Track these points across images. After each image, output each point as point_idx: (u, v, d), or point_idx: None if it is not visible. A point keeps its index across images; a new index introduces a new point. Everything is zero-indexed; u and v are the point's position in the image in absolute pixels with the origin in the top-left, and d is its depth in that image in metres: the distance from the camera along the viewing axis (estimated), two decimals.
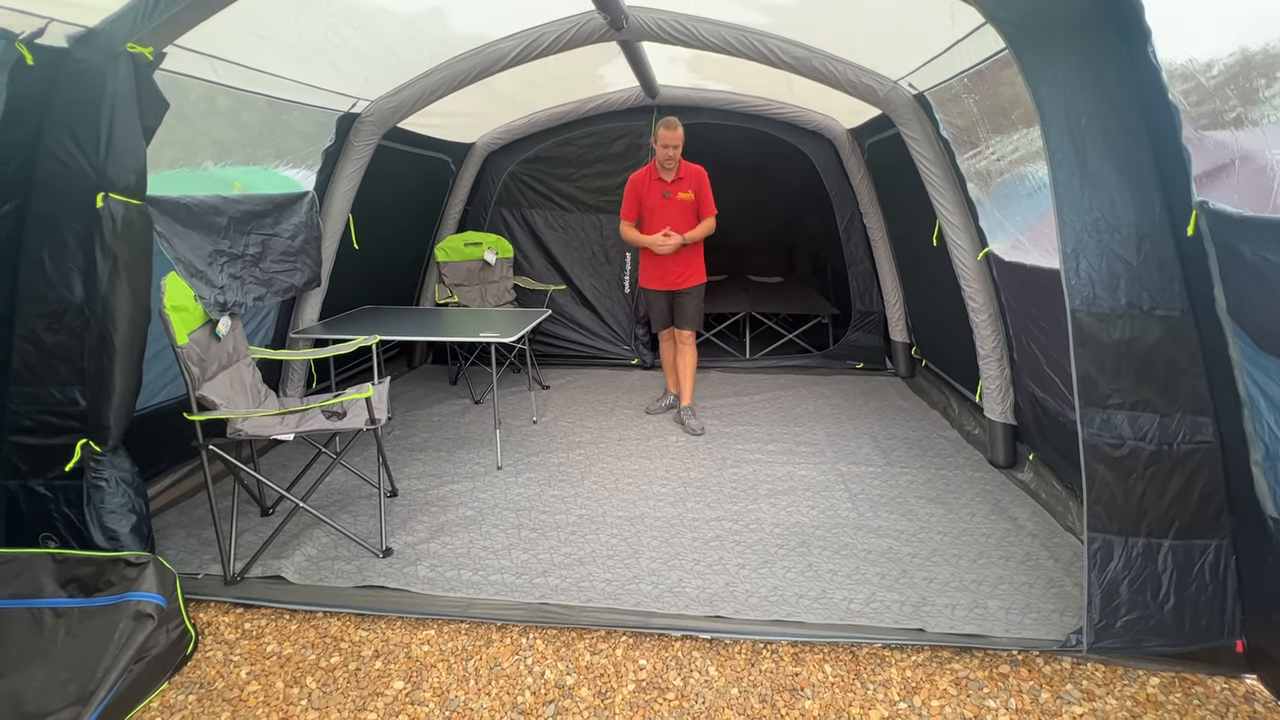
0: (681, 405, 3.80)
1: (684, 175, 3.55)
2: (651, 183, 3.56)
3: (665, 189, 3.54)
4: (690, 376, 3.78)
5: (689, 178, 3.56)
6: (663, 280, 3.68)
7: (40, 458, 2.17)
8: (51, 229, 2.09)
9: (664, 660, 1.95)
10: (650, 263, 3.69)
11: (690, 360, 3.78)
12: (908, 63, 2.93)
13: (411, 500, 2.86)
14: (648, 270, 3.72)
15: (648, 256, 3.68)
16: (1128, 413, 1.81)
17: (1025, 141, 2.41)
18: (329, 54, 2.81)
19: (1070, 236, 1.79)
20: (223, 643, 2.02)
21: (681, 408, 3.80)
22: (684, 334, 3.73)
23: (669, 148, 3.43)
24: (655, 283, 3.71)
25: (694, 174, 3.56)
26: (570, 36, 3.10)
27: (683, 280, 3.67)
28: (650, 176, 3.58)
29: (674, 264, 3.62)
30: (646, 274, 3.73)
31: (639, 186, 3.60)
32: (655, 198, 3.55)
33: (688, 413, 3.76)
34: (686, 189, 3.54)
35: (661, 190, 3.54)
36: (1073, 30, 1.74)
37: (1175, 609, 1.83)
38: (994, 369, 3.13)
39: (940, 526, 2.63)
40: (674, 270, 3.65)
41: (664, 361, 4.00)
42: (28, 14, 1.84)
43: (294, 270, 3.20)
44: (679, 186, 3.54)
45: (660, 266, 3.65)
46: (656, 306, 3.79)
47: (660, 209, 3.55)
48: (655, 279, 3.70)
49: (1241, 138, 1.52)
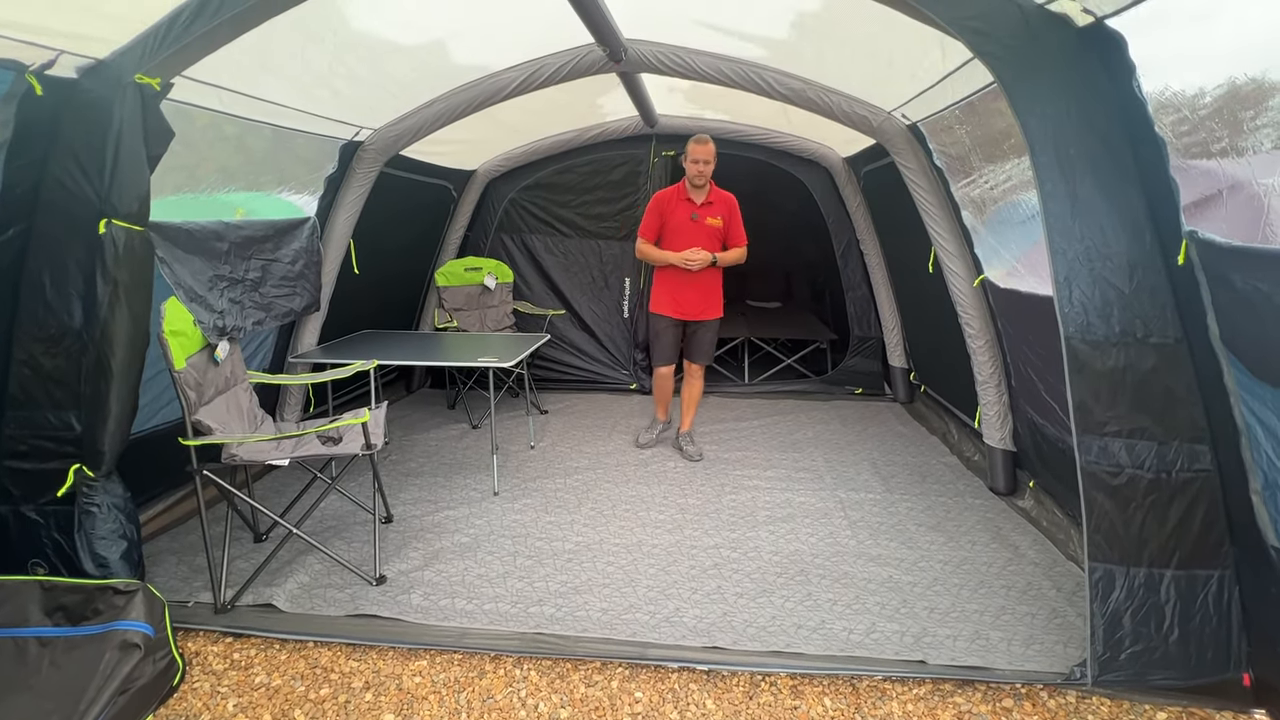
0: (681, 430, 3.69)
1: (715, 200, 3.33)
2: (679, 202, 3.32)
3: (694, 211, 3.31)
4: (695, 405, 3.68)
5: (720, 203, 3.34)
6: (680, 308, 3.41)
7: (33, 483, 2.15)
8: (54, 254, 2.11)
9: (660, 693, 1.91)
10: (667, 287, 3.41)
11: (698, 390, 3.67)
12: (901, 94, 2.99)
13: (406, 526, 2.83)
14: (663, 295, 3.44)
15: (666, 280, 3.41)
16: (1125, 440, 1.80)
17: (1018, 170, 2.45)
18: (333, 84, 2.86)
19: (1062, 265, 1.80)
20: (210, 673, 1.98)
21: (680, 433, 3.69)
22: (696, 367, 3.59)
23: (699, 163, 3.22)
24: (670, 309, 3.43)
25: (725, 200, 3.36)
26: (570, 68, 3.17)
27: (702, 311, 3.43)
28: (678, 196, 3.35)
29: (696, 292, 3.38)
30: (660, 299, 3.45)
31: (664, 204, 3.37)
32: (681, 219, 3.32)
33: (686, 439, 3.66)
34: (716, 214, 3.32)
35: (689, 212, 3.31)
36: (1059, 64, 1.78)
37: (1180, 641, 1.80)
38: (992, 395, 3.13)
39: (941, 555, 2.60)
40: (695, 300, 3.39)
41: (658, 392, 3.75)
42: (39, 46, 1.88)
43: (293, 295, 3.22)
44: (709, 211, 3.31)
45: (679, 293, 3.38)
46: (665, 338, 3.49)
47: (684, 231, 3.31)
48: (671, 305, 3.42)
49: (1230, 167, 1.54)
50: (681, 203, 3.32)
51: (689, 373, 3.62)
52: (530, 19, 2.78)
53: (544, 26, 2.85)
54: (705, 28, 2.91)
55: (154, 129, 2.12)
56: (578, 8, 2.46)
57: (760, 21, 2.78)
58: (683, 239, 3.31)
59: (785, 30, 2.81)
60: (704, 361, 3.58)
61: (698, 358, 3.56)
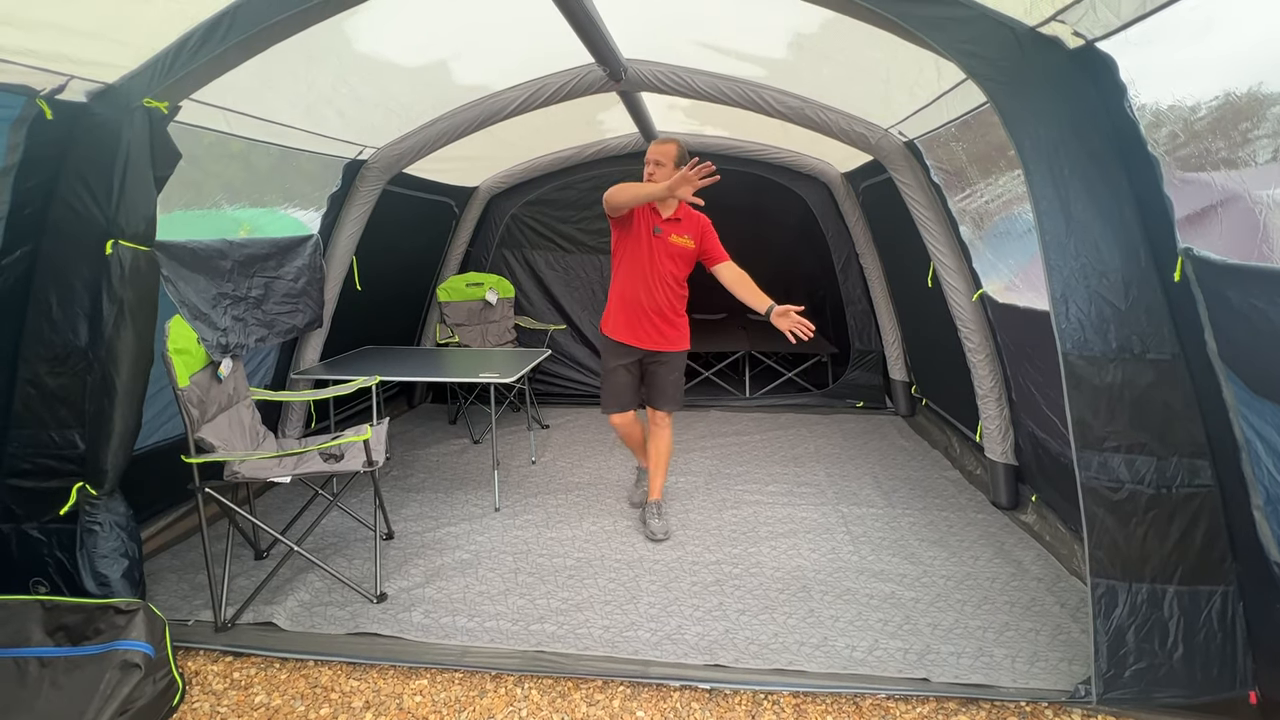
0: (649, 499, 2.98)
1: (683, 217, 2.81)
2: (646, 209, 2.77)
3: (657, 224, 2.76)
4: (665, 465, 2.99)
5: (689, 223, 2.81)
6: (635, 333, 2.78)
7: (36, 501, 2.16)
8: (61, 274, 2.13)
9: (662, 712, 1.90)
10: (618, 305, 2.82)
11: (667, 445, 2.96)
12: (897, 111, 3.03)
13: (408, 543, 2.83)
14: (615, 314, 2.82)
15: (617, 297, 2.83)
16: (1124, 455, 1.81)
17: (1015, 184, 2.47)
18: (337, 104, 2.91)
19: (1058, 282, 1.82)
20: (210, 693, 1.97)
21: (647, 503, 2.97)
22: (662, 416, 2.92)
23: (649, 164, 2.71)
24: (624, 334, 2.79)
25: (696, 221, 2.83)
26: (571, 88, 3.21)
27: (662, 339, 2.80)
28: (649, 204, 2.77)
29: (657, 315, 2.77)
30: (614, 320, 2.83)
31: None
32: (643, 230, 2.76)
33: (652, 510, 2.92)
34: (684, 233, 2.79)
35: (652, 225, 2.76)
36: (1051, 85, 1.80)
37: (1185, 658, 1.79)
38: (993, 409, 3.13)
39: (943, 570, 2.59)
40: (654, 323, 2.77)
41: (626, 440, 3.09)
42: (50, 72, 1.92)
43: (296, 311, 3.24)
44: (674, 228, 2.78)
45: (634, 315, 2.77)
46: (615, 379, 2.84)
47: (644, 246, 2.75)
48: (625, 329, 2.79)
49: (1225, 180, 1.56)
50: (647, 211, 2.77)
51: (655, 423, 2.93)
52: (531, 40, 2.82)
53: (545, 47, 2.89)
54: (704, 48, 2.95)
55: (161, 151, 2.15)
56: (577, 29, 2.50)
57: (758, 42, 2.82)
58: (639, 255, 2.75)
59: (783, 50, 2.85)
60: (673, 408, 2.91)
61: (664, 404, 2.88)
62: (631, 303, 2.78)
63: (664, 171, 2.67)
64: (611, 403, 2.90)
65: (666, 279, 2.78)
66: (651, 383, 2.91)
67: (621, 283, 2.83)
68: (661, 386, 2.88)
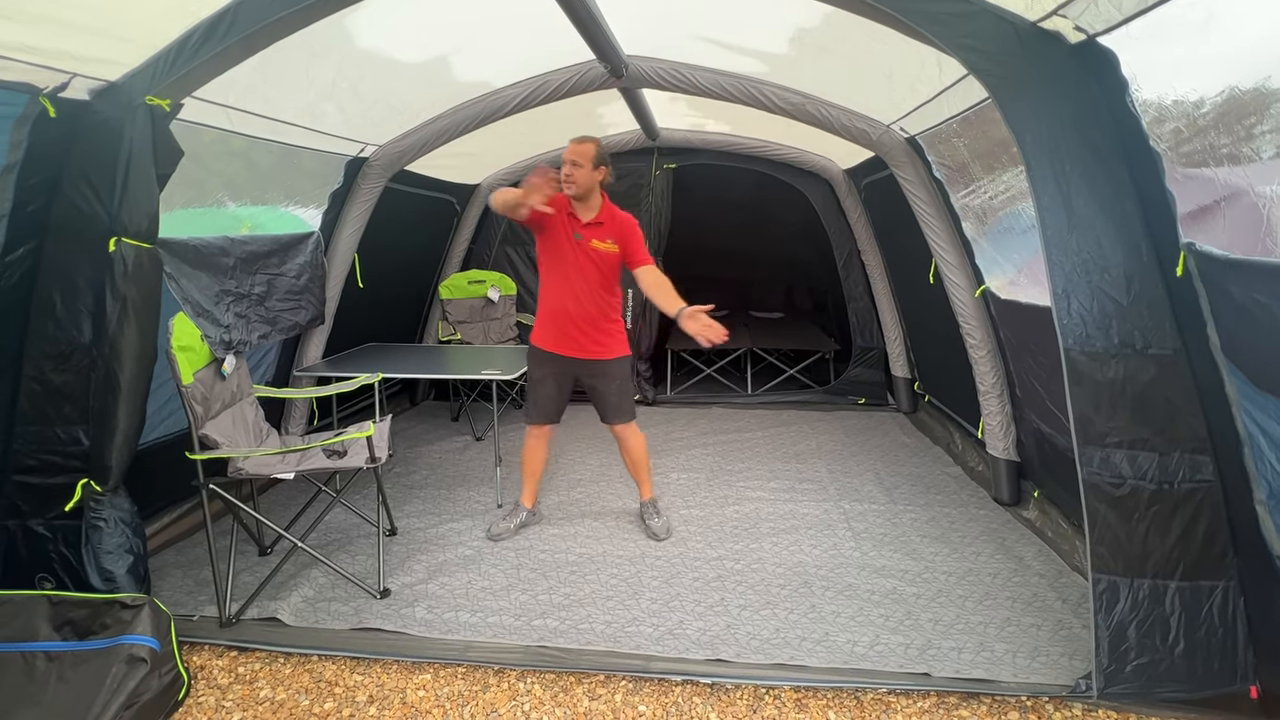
0: (642, 499, 2.96)
1: (605, 220, 2.61)
2: (563, 214, 2.59)
3: (576, 230, 2.58)
4: (645, 466, 2.92)
5: (611, 225, 2.61)
6: (563, 342, 2.65)
7: (41, 497, 2.17)
8: (64, 271, 2.14)
9: (664, 706, 1.91)
10: (545, 313, 2.67)
11: (639, 449, 2.86)
12: (899, 107, 3.02)
13: (410, 539, 2.84)
14: (547, 327, 2.68)
15: (544, 304, 2.68)
16: (1126, 451, 1.81)
17: (1017, 181, 2.46)
18: (339, 101, 2.91)
19: (1060, 277, 1.82)
20: (215, 688, 1.99)
21: (642, 503, 2.96)
22: (619, 428, 2.82)
23: (566, 164, 2.53)
24: (552, 343, 2.66)
25: (620, 223, 2.63)
26: (572, 84, 3.21)
27: (596, 346, 2.66)
28: (565, 206, 2.60)
29: (587, 323, 2.62)
30: (542, 331, 2.69)
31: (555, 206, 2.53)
32: (562, 237, 2.59)
33: (649, 509, 2.92)
34: (605, 238, 2.58)
35: (571, 231, 2.59)
36: (1053, 81, 1.80)
37: (1186, 653, 1.79)
38: (995, 405, 3.13)
39: (945, 566, 2.59)
40: (585, 332, 2.63)
41: (526, 464, 2.91)
42: (53, 69, 1.93)
43: (298, 309, 3.25)
44: (595, 232, 2.58)
45: (562, 324, 2.63)
46: (543, 389, 2.72)
47: (565, 254, 2.59)
48: (555, 341, 2.66)
49: (1229, 175, 1.55)
50: (565, 216, 2.60)
51: (619, 435, 2.85)
52: (532, 36, 2.82)
53: (546, 43, 2.89)
54: (705, 43, 2.95)
55: (164, 149, 2.16)
56: (578, 25, 2.50)
57: (760, 37, 2.82)
58: (562, 263, 2.60)
59: (785, 46, 2.85)
60: (624, 419, 2.78)
61: (612, 416, 2.77)
62: (559, 313, 2.63)
63: (581, 173, 2.52)
64: (536, 413, 2.78)
65: (593, 286, 2.61)
66: (596, 399, 2.79)
67: (548, 293, 2.67)
68: (606, 399, 2.75)
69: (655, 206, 4.91)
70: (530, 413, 2.81)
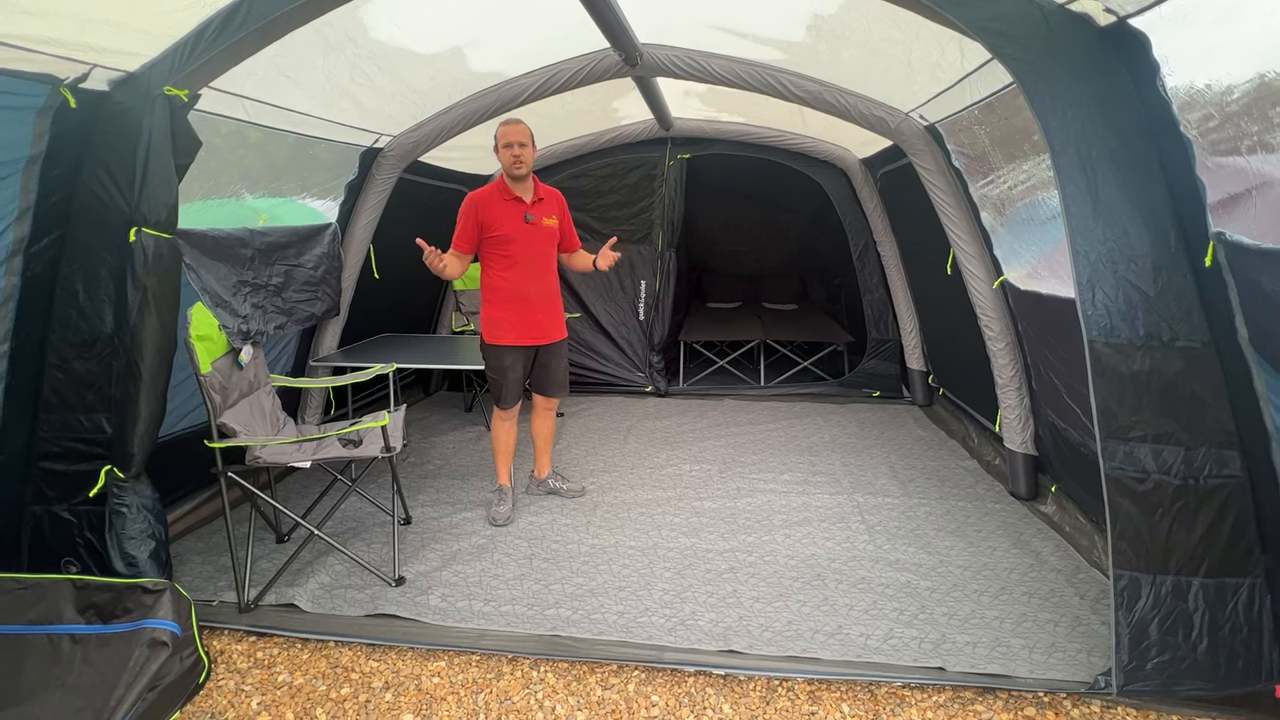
0: (540, 475, 3.18)
1: (544, 196, 2.78)
2: (503, 203, 2.69)
3: (527, 211, 2.70)
4: (551, 443, 3.18)
5: (550, 200, 2.79)
6: (529, 332, 2.78)
7: (66, 484, 2.22)
8: (86, 261, 2.17)
9: (677, 697, 1.91)
10: (506, 310, 2.76)
11: (551, 427, 3.14)
12: (918, 95, 2.97)
13: (425, 528, 2.87)
14: (503, 320, 2.77)
15: (502, 302, 2.77)
16: (1150, 445, 1.77)
17: (1039, 169, 2.41)
18: (354, 92, 2.92)
19: (1085, 267, 1.78)
20: (235, 672, 2.02)
21: (549, 476, 3.18)
22: (553, 401, 3.04)
23: (513, 146, 2.61)
24: (518, 336, 2.78)
25: (555, 197, 2.83)
26: (586, 73, 3.19)
27: (555, 329, 2.86)
28: (500, 195, 2.70)
29: (543, 308, 2.79)
30: (499, 325, 2.77)
31: (482, 207, 2.68)
32: (514, 223, 2.69)
33: (556, 477, 3.17)
34: (550, 213, 2.77)
35: (521, 213, 2.70)
36: (1080, 65, 1.75)
37: (1209, 651, 1.76)
38: (1013, 398, 3.08)
39: (960, 560, 2.57)
40: (544, 317, 2.80)
41: (500, 445, 2.98)
42: (73, 60, 1.94)
43: (315, 299, 3.28)
44: (541, 209, 2.75)
45: (525, 313, 2.76)
46: (513, 374, 2.82)
47: (521, 238, 2.70)
48: (518, 331, 2.77)
49: (1260, 164, 1.51)
50: (507, 203, 2.69)
51: (542, 407, 3.04)
52: (546, 25, 2.80)
53: (560, 32, 2.87)
54: (721, 31, 2.91)
55: (182, 139, 2.17)
56: (593, 13, 2.48)
57: (776, 25, 2.78)
58: (520, 246, 2.71)
59: (801, 33, 2.80)
60: (564, 393, 3.01)
61: (555, 390, 2.96)
62: (519, 299, 2.75)
63: (528, 152, 2.67)
64: (511, 397, 2.89)
65: (549, 262, 2.82)
66: (543, 374, 2.93)
67: (504, 284, 2.75)
68: (555, 375, 2.94)
69: (668, 197, 4.89)
70: (505, 399, 2.90)
